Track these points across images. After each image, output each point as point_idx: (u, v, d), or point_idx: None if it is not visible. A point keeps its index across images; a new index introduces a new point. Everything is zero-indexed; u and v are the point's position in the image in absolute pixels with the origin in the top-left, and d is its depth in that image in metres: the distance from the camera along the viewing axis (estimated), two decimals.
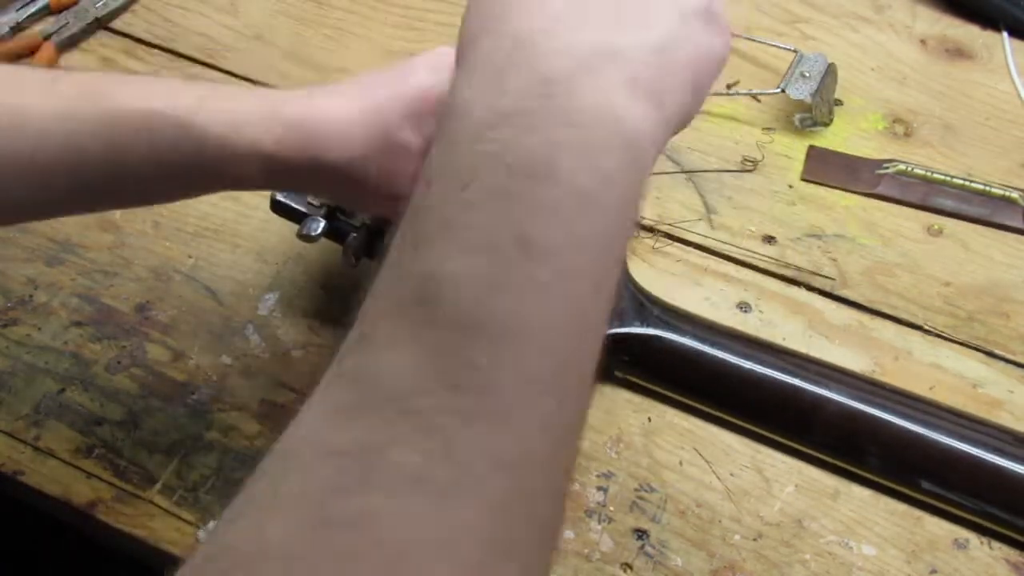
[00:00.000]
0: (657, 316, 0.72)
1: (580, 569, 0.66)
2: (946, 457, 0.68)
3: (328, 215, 0.71)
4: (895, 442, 0.68)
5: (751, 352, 0.72)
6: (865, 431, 0.69)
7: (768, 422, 0.71)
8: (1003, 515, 0.67)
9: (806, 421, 0.70)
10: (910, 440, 0.68)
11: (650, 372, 0.73)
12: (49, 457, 0.70)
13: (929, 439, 0.68)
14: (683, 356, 0.71)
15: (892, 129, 0.91)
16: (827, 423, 0.69)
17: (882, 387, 0.71)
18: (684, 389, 0.72)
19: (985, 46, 0.97)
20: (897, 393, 0.71)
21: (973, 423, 0.70)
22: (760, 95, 0.92)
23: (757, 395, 0.71)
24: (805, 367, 0.71)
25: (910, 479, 0.68)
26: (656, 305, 0.73)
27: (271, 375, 0.74)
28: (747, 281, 0.80)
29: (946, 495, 0.68)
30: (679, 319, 0.73)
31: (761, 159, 0.88)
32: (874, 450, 0.69)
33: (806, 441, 0.70)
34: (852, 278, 0.80)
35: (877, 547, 0.67)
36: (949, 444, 0.68)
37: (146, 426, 0.72)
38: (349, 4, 0.99)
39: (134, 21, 0.97)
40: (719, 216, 0.84)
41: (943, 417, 0.69)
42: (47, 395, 0.73)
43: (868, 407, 0.69)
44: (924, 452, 0.68)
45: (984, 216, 0.84)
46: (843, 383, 0.70)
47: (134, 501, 0.68)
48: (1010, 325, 0.78)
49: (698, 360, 0.71)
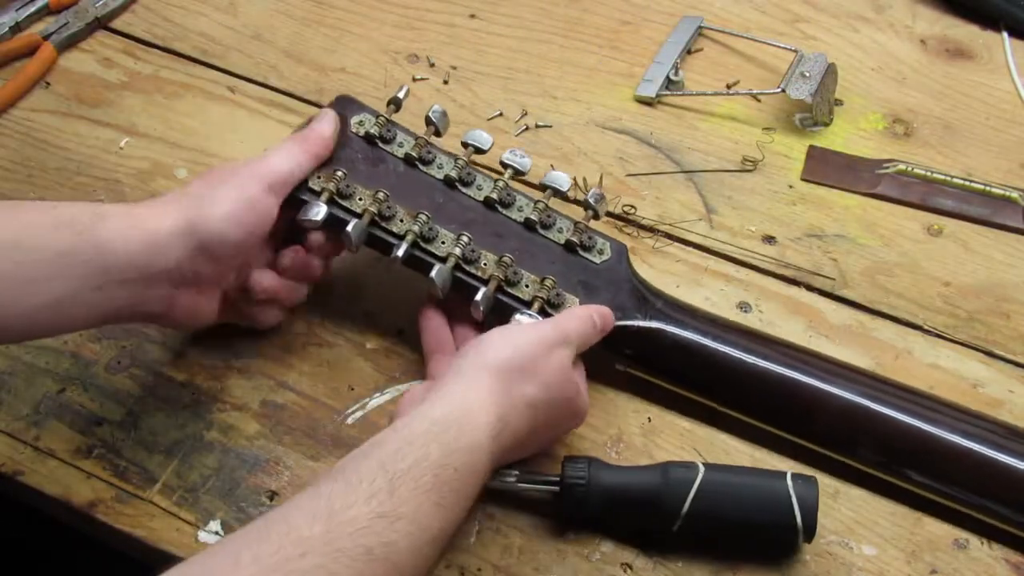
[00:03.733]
0: (659, 309, 0.72)
1: (580, 569, 0.65)
2: (948, 452, 0.67)
3: (329, 201, 0.71)
4: (896, 437, 0.68)
5: (754, 346, 0.71)
6: (866, 426, 0.68)
7: (770, 416, 0.70)
8: (1003, 510, 0.67)
9: (808, 415, 0.69)
10: (912, 435, 0.68)
11: (652, 365, 0.72)
12: (49, 457, 0.70)
13: (931, 434, 0.68)
14: (685, 349, 0.71)
15: (892, 129, 0.91)
16: (829, 417, 0.69)
17: (885, 382, 0.71)
18: (686, 383, 0.72)
19: (985, 46, 0.97)
20: (900, 388, 0.71)
21: (974, 418, 0.70)
22: (760, 95, 0.92)
23: (759, 389, 0.70)
24: (808, 361, 0.71)
25: (911, 474, 0.68)
26: (659, 298, 0.73)
27: (271, 375, 0.74)
28: (747, 281, 0.80)
29: (947, 491, 0.67)
30: (681, 312, 0.73)
31: (761, 159, 0.88)
32: (875, 445, 0.68)
33: (807, 435, 0.69)
34: (852, 278, 0.80)
35: (877, 547, 0.67)
36: (951, 439, 0.68)
37: (146, 426, 0.72)
38: (349, 4, 0.99)
39: (134, 21, 0.97)
40: (719, 216, 0.84)
41: (945, 412, 0.69)
42: (47, 395, 0.73)
43: (871, 402, 0.69)
44: (925, 447, 0.68)
45: (984, 216, 0.84)
46: (846, 378, 0.70)
47: (134, 501, 0.68)
48: (1010, 325, 0.78)
49: (700, 353, 0.71)
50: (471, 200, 0.74)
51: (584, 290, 0.71)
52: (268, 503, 0.68)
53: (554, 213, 0.74)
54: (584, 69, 0.95)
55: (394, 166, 0.74)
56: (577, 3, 1.00)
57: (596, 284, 0.72)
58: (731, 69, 0.95)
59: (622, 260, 0.73)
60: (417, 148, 0.74)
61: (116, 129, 0.88)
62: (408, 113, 0.89)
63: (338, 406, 0.73)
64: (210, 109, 0.90)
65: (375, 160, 0.74)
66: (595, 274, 0.72)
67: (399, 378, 0.74)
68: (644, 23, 0.98)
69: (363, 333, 0.76)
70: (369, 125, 0.75)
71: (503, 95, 0.92)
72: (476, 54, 0.95)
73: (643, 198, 0.85)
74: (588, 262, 0.73)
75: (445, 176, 0.74)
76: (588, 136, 0.89)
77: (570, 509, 0.66)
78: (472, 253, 0.70)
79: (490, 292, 0.69)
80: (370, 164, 0.74)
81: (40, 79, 0.92)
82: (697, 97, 0.92)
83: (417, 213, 0.71)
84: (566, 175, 0.75)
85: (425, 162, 0.74)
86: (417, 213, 0.71)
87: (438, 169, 0.74)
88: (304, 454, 0.70)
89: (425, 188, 0.74)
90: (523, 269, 0.71)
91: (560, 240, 0.73)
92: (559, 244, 0.73)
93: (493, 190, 0.73)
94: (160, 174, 0.85)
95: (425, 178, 0.74)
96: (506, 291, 0.70)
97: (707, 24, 0.97)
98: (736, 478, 0.65)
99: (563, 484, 0.65)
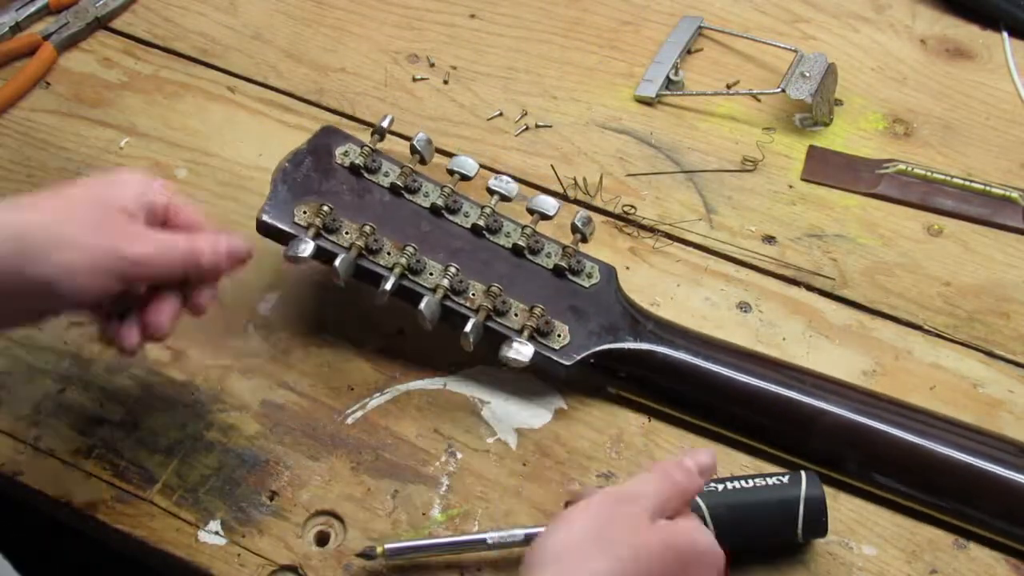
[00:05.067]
0: (651, 331, 0.72)
1: None
2: (943, 466, 0.68)
3: (315, 236, 0.71)
4: (891, 452, 0.68)
5: (746, 365, 0.71)
6: (862, 443, 0.69)
7: (764, 435, 0.70)
8: (1000, 524, 0.67)
9: (802, 433, 0.69)
10: (907, 452, 0.68)
11: (645, 387, 0.72)
12: (49, 457, 0.70)
13: (926, 449, 0.68)
14: (677, 370, 0.71)
15: (892, 129, 0.91)
16: (823, 435, 0.69)
17: (879, 398, 0.71)
18: (678, 403, 0.72)
19: (985, 46, 0.97)
20: (893, 403, 0.71)
21: (969, 432, 0.70)
22: (760, 95, 0.92)
23: (752, 408, 0.70)
24: (801, 379, 0.71)
25: (906, 489, 0.68)
26: (649, 320, 0.73)
27: (271, 375, 0.74)
28: (747, 281, 0.80)
29: (946, 505, 0.68)
30: (673, 333, 0.73)
31: (761, 159, 0.88)
32: (871, 462, 0.68)
33: (802, 453, 0.69)
34: (852, 278, 0.80)
35: (877, 547, 0.67)
36: (949, 455, 0.68)
37: (146, 426, 0.72)
38: (349, 4, 0.99)
39: (134, 20, 0.97)
40: (719, 216, 0.84)
41: (941, 428, 0.69)
42: (47, 395, 0.73)
43: (864, 418, 0.69)
44: (921, 463, 0.68)
45: (984, 216, 0.84)
46: (839, 394, 0.70)
47: (134, 501, 0.68)
48: (1010, 325, 0.78)
49: (693, 374, 0.71)
50: (458, 228, 0.74)
51: (574, 315, 0.71)
52: (268, 503, 0.68)
53: (542, 238, 0.74)
54: (584, 69, 0.95)
55: (380, 196, 0.74)
56: (577, 3, 1.00)
57: (586, 309, 0.72)
58: (731, 69, 0.95)
59: (611, 282, 0.73)
60: (403, 177, 0.74)
61: (116, 129, 0.88)
62: (409, 113, 0.90)
63: (338, 406, 0.73)
64: (210, 109, 0.90)
65: (361, 191, 0.74)
66: (585, 298, 0.72)
67: (399, 378, 0.74)
68: (644, 23, 0.98)
69: (363, 333, 0.76)
70: (354, 156, 0.75)
71: (503, 95, 0.92)
72: (476, 54, 0.95)
73: (643, 198, 0.85)
74: (578, 286, 0.73)
75: (432, 204, 0.74)
76: (588, 136, 0.89)
77: None
78: (460, 284, 0.70)
79: (479, 322, 0.69)
80: (356, 195, 0.74)
81: (40, 79, 0.92)
82: (697, 97, 0.92)
83: (404, 245, 0.71)
84: (553, 199, 0.74)
85: (411, 191, 0.74)
86: (404, 245, 0.71)
87: (424, 197, 0.74)
88: (304, 454, 0.70)
89: (412, 217, 0.74)
90: (512, 297, 0.71)
91: (548, 265, 0.73)
92: (548, 269, 0.73)
93: (480, 217, 0.73)
94: (160, 174, 0.85)
95: (411, 207, 0.74)
96: (496, 320, 0.70)
97: (707, 24, 0.97)
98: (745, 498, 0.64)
99: None
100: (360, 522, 0.67)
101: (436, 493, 0.69)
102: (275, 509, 0.68)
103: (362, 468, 0.70)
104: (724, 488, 0.64)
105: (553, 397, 0.73)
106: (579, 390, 0.73)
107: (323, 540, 0.67)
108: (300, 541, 0.67)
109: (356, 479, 0.69)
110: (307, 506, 0.68)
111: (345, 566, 0.65)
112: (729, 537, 0.62)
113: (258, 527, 0.67)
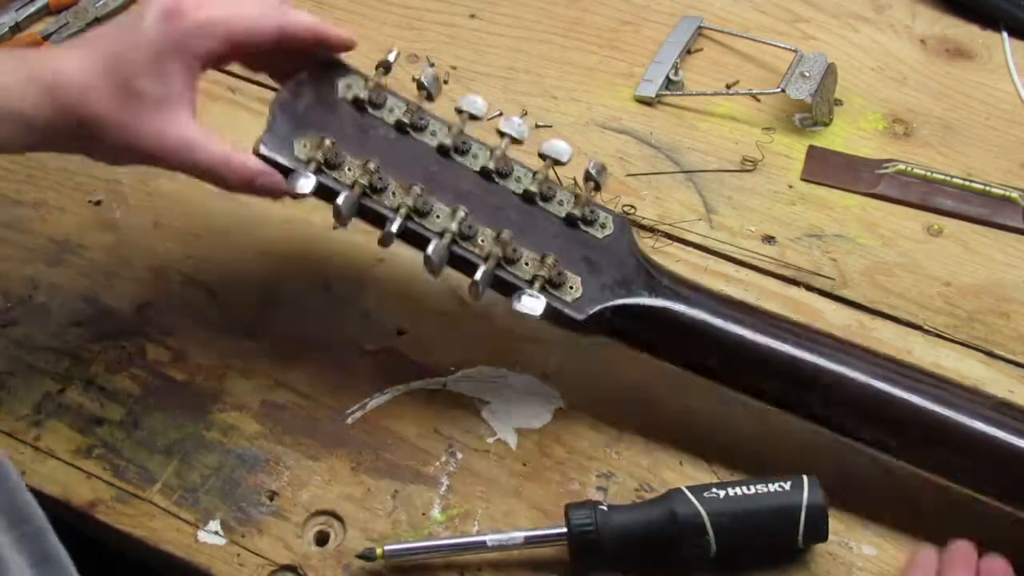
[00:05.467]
0: (667, 286, 0.69)
1: None
2: (958, 433, 0.65)
3: (317, 171, 0.67)
4: (910, 418, 0.66)
5: (764, 324, 0.68)
6: (879, 406, 0.66)
7: (780, 396, 0.68)
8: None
9: (821, 395, 0.67)
10: (925, 417, 0.66)
11: (659, 344, 0.69)
12: (49, 457, 0.70)
13: (943, 416, 0.66)
14: (693, 328, 0.68)
15: (892, 129, 0.91)
16: (841, 397, 0.67)
17: (897, 363, 0.69)
18: (694, 364, 0.69)
19: (985, 46, 0.97)
20: (915, 369, 0.69)
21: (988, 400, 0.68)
22: (760, 95, 0.92)
23: (770, 368, 0.68)
24: (821, 341, 0.69)
25: (924, 456, 0.66)
26: (664, 275, 0.70)
27: (271, 375, 0.74)
28: (747, 281, 0.80)
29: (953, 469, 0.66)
30: (689, 289, 0.70)
31: (761, 159, 0.88)
32: (886, 426, 0.66)
33: (818, 417, 0.67)
34: (852, 278, 0.80)
35: (877, 547, 0.67)
36: (962, 421, 0.65)
37: (146, 426, 0.72)
38: (349, 4, 0.99)
39: None
40: (719, 216, 0.84)
41: (957, 394, 0.67)
42: (47, 395, 0.73)
43: (884, 383, 0.66)
44: (938, 429, 0.66)
45: (984, 216, 0.84)
46: (859, 357, 0.68)
47: (134, 501, 0.68)
48: (1010, 325, 0.78)
49: (709, 332, 0.68)
50: (467, 170, 0.70)
51: (587, 267, 0.68)
52: (268, 503, 0.68)
53: (554, 185, 0.70)
54: (584, 69, 0.95)
55: (385, 133, 0.70)
56: (577, 3, 1.00)
57: (599, 261, 0.68)
58: (731, 69, 0.95)
59: (625, 234, 0.70)
60: (409, 114, 0.70)
61: None
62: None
63: (338, 406, 0.73)
64: (210, 109, 0.90)
65: (364, 126, 0.69)
66: (598, 250, 0.69)
67: (399, 378, 0.74)
68: (644, 23, 0.98)
69: (363, 333, 0.76)
70: (358, 89, 0.70)
71: (503, 95, 0.92)
72: (476, 54, 0.95)
73: (643, 198, 0.85)
74: (591, 237, 0.69)
75: (439, 144, 0.69)
76: (588, 136, 0.89)
77: (583, 557, 0.64)
78: (469, 229, 0.67)
79: (489, 270, 0.66)
80: (359, 131, 0.69)
81: None
82: (697, 97, 0.92)
83: (410, 185, 0.67)
84: (566, 144, 0.71)
85: (418, 129, 0.70)
86: (410, 185, 0.67)
87: (431, 136, 0.70)
88: (304, 454, 0.70)
89: (418, 157, 0.69)
90: (522, 245, 0.67)
91: (561, 213, 0.69)
92: (560, 218, 0.69)
93: (490, 159, 0.69)
94: (161, 174, 0.85)
95: (418, 146, 0.70)
96: (506, 268, 0.67)
97: (707, 24, 0.97)
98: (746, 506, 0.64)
99: (571, 533, 0.63)
100: (360, 522, 0.67)
101: (436, 493, 0.69)
102: (275, 509, 0.68)
103: (362, 468, 0.70)
104: (725, 495, 0.63)
105: (553, 397, 0.73)
106: (580, 383, 0.73)
107: (323, 540, 0.67)
108: (300, 541, 0.67)
109: (356, 479, 0.69)
110: (307, 506, 0.68)
111: (345, 566, 0.65)
112: (730, 543, 0.62)
113: (258, 527, 0.67)
